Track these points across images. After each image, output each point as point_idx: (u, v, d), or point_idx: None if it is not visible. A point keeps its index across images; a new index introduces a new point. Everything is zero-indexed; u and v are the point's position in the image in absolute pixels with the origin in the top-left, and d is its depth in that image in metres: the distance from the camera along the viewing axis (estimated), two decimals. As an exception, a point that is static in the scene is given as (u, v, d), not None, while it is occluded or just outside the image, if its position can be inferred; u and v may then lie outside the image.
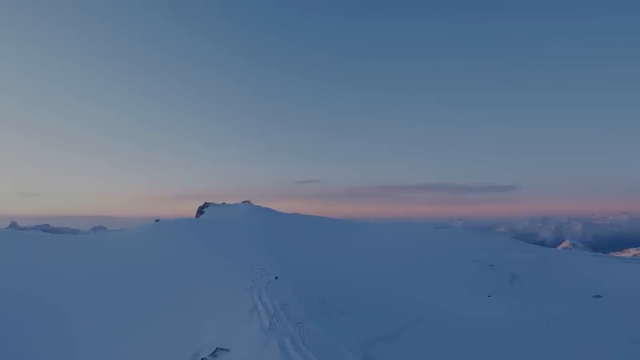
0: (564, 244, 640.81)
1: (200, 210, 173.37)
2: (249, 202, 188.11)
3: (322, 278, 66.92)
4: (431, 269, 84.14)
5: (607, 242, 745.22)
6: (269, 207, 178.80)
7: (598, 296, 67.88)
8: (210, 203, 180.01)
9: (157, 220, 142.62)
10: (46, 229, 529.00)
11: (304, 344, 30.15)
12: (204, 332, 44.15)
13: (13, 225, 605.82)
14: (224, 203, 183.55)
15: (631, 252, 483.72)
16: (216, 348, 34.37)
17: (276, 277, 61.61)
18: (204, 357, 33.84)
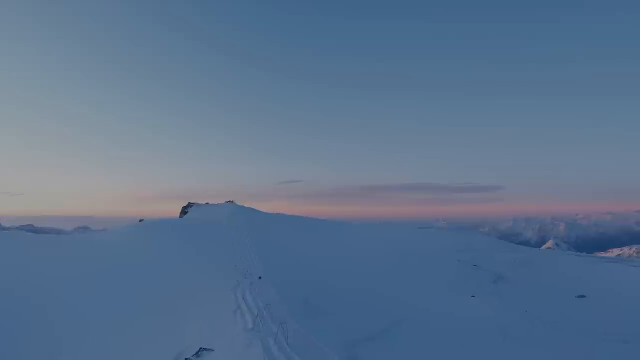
0: (547, 244, 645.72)
1: (184, 210, 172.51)
2: (232, 202, 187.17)
3: (305, 278, 67.00)
4: (415, 269, 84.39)
5: (591, 242, 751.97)
6: (252, 207, 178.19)
7: (582, 296, 68.42)
8: (193, 203, 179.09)
9: (140, 220, 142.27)
10: (30, 229, 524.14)
11: (287, 344, 30.33)
12: (188, 332, 44.08)
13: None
14: (207, 203, 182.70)
15: (614, 252, 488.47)
16: (200, 348, 34.37)
17: (260, 277, 61.72)
18: (188, 357, 33.82)
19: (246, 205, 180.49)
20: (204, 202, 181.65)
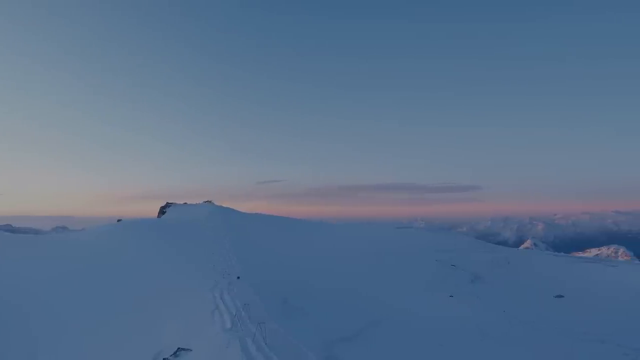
0: (525, 244, 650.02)
1: (162, 210, 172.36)
2: (210, 202, 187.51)
3: (284, 278, 67.18)
4: (393, 269, 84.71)
5: (569, 242, 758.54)
6: (231, 207, 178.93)
7: (560, 296, 69.08)
8: (172, 203, 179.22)
9: (119, 220, 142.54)
10: (8, 228, 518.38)
11: (265, 343, 30.53)
12: (166, 332, 44.06)
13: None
14: (185, 203, 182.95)
15: (592, 252, 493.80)
16: (178, 348, 34.46)
17: (238, 277, 61.78)
18: (166, 357, 33.90)
19: (224, 205, 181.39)
20: (182, 202, 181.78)
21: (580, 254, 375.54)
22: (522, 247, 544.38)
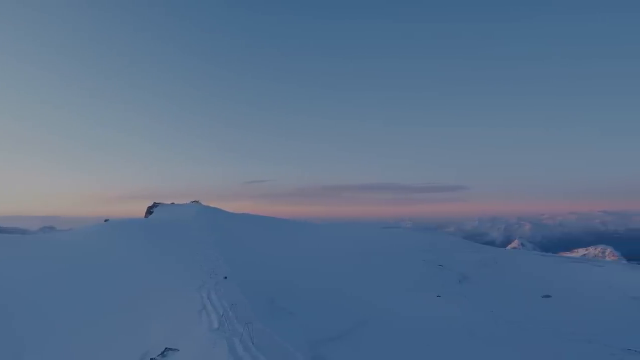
0: (513, 244, 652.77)
1: (150, 210, 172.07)
2: (198, 202, 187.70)
3: (271, 278, 67.22)
4: (380, 269, 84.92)
5: (556, 242, 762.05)
6: (218, 207, 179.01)
7: (547, 296, 69.51)
8: (159, 203, 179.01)
9: (106, 220, 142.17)
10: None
11: (252, 343, 30.56)
12: (153, 332, 43.99)
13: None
14: (173, 203, 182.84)
15: (580, 252, 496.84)
16: (165, 348, 34.44)
17: (225, 277, 61.76)
18: (153, 357, 33.87)
19: (211, 205, 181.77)
20: (169, 202, 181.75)
21: (568, 254, 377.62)
22: (509, 247, 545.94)
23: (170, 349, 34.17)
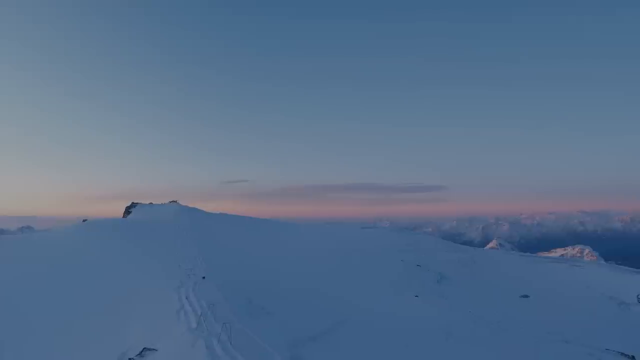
0: (491, 244, 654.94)
1: (128, 210, 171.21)
2: (176, 202, 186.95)
3: (249, 278, 67.31)
4: (358, 269, 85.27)
5: (535, 242, 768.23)
6: (196, 207, 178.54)
7: (525, 296, 70.24)
8: (137, 203, 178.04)
9: (84, 220, 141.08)
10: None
11: (231, 344, 30.83)
12: (132, 332, 43.97)
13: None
14: (151, 203, 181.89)
15: (558, 252, 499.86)
16: (143, 348, 34.57)
17: (203, 277, 61.84)
18: (132, 357, 33.97)
19: (190, 205, 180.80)
20: (147, 202, 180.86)
21: (546, 254, 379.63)
22: (487, 247, 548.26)
23: (149, 349, 34.30)
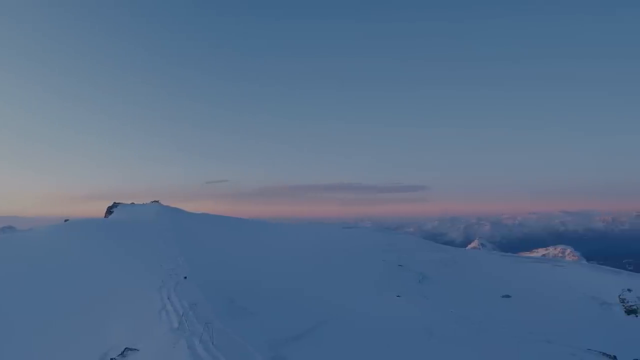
0: (472, 244, 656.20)
1: (109, 210, 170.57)
2: (158, 202, 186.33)
3: (231, 278, 67.37)
4: (340, 269, 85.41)
5: (516, 242, 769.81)
6: (178, 207, 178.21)
7: (507, 296, 70.83)
8: (119, 203, 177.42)
9: (66, 220, 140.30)
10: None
11: (212, 343, 30.88)
12: (113, 332, 43.93)
13: None
14: (133, 203, 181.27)
15: (539, 252, 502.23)
16: (125, 348, 34.57)
17: (185, 277, 61.76)
18: (113, 357, 33.97)
19: (172, 205, 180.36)
20: (129, 203, 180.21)
21: (528, 254, 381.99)
22: (469, 247, 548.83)
23: (130, 349, 34.32)
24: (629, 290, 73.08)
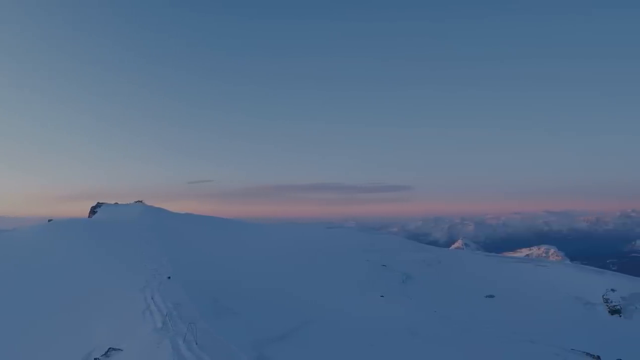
0: (456, 244, 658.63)
1: (93, 210, 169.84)
2: (141, 202, 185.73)
3: (215, 278, 67.41)
4: (324, 269, 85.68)
5: (500, 242, 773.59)
6: (162, 207, 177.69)
7: (491, 296, 71.34)
8: (102, 203, 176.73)
9: (49, 220, 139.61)
10: None
11: (196, 343, 30.96)
12: (97, 332, 43.90)
13: None
14: (116, 203, 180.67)
15: (523, 252, 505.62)
16: (109, 348, 34.58)
17: (169, 277, 61.73)
18: (97, 357, 33.98)
19: (155, 205, 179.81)
20: (112, 202, 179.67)
21: (511, 254, 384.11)
22: (453, 247, 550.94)
23: (114, 349, 34.37)
24: (613, 290, 73.81)
